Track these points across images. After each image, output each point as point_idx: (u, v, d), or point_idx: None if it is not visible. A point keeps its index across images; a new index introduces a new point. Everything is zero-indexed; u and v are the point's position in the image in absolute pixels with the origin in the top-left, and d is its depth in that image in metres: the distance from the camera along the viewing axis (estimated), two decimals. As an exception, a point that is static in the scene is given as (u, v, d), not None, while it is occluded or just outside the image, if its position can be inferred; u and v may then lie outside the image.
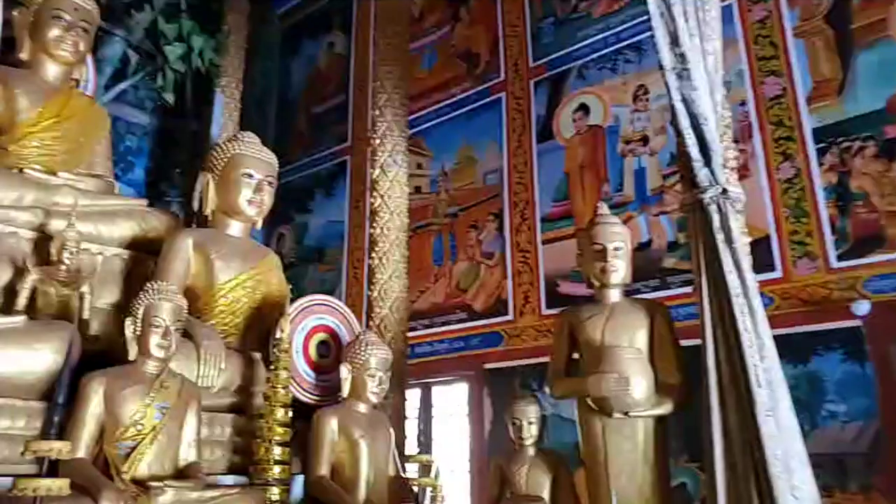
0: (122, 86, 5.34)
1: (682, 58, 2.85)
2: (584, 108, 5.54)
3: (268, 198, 3.52)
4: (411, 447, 4.03)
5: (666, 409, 2.92)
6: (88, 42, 3.82)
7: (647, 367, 2.96)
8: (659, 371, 2.99)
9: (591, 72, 5.57)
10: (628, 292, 3.36)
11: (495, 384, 5.37)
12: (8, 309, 2.73)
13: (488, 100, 6.15)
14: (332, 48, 7.74)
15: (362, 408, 3.03)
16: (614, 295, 3.18)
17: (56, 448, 1.84)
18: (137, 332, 2.57)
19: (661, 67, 2.90)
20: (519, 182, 5.74)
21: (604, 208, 3.33)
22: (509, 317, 5.49)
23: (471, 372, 5.59)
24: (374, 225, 4.10)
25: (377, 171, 4.14)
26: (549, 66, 5.84)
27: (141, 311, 2.58)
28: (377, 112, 4.25)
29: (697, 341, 3.26)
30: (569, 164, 5.52)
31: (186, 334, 2.85)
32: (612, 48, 5.48)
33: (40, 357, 2.43)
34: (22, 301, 2.77)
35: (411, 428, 4.30)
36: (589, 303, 3.27)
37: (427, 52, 6.80)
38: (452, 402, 5.80)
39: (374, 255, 4.06)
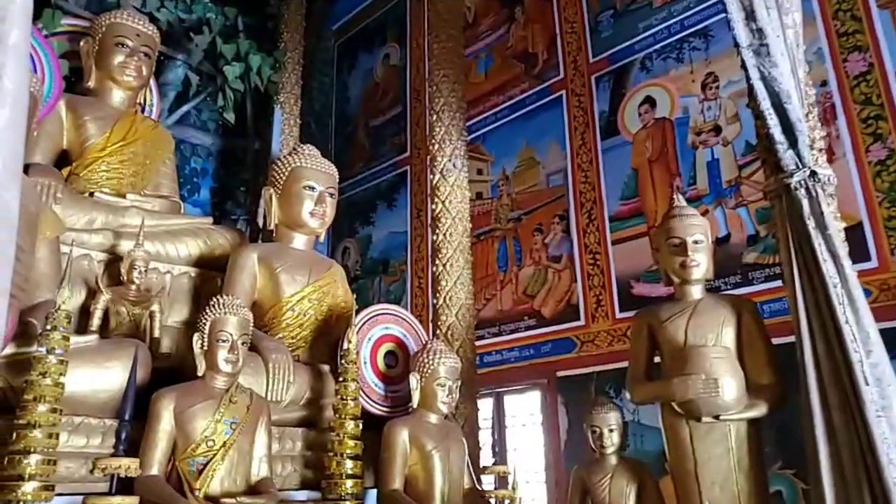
0: (185, 108, 5.48)
1: (759, 33, 2.65)
2: (649, 101, 5.30)
3: (330, 209, 3.51)
4: (486, 458, 3.89)
5: (759, 411, 2.68)
6: (150, 66, 3.93)
7: (736, 366, 2.74)
8: (749, 371, 2.76)
9: (656, 63, 5.33)
10: (708, 290, 3.14)
11: (569, 392, 5.18)
12: (84, 329, 2.78)
13: (548, 99, 5.98)
14: (387, 60, 7.78)
15: (433, 418, 2.94)
16: (696, 291, 2.97)
17: (124, 465, 1.81)
18: (204, 348, 2.55)
19: (736, 45, 2.70)
20: (584, 181, 5.54)
21: (680, 200, 3.12)
22: (581, 322, 5.29)
23: (543, 380, 5.41)
24: (437, 231, 4.01)
25: (437, 177, 4.06)
26: (610, 60, 5.63)
27: (207, 326, 2.57)
28: (434, 117, 4.18)
29: (786, 339, 3.02)
30: (636, 159, 5.29)
31: (254, 349, 2.84)
32: (676, 37, 5.22)
33: (111, 375, 2.45)
34: (95, 321, 2.83)
35: (485, 438, 4.16)
36: (668, 302, 3.06)
37: (482, 57, 6.71)
38: (525, 411, 5.64)
39: (437, 262, 3.97)
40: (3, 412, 2.23)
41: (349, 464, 2.53)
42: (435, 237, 4.01)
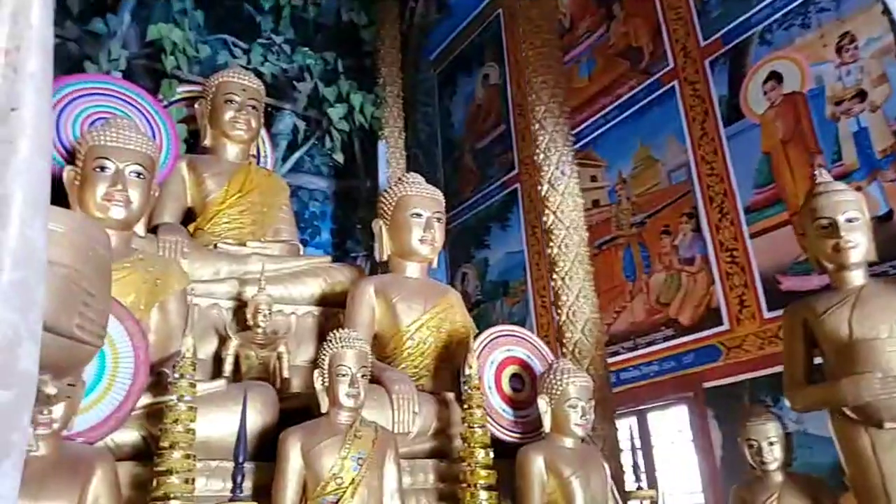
0: (297, 155, 5.75)
1: (901, -31, 2.28)
2: (775, 77, 4.80)
3: (438, 234, 3.48)
4: (629, 482, 3.61)
5: (961, 413, 2.24)
6: (259, 118, 4.12)
7: (922, 361, 2.32)
8: (938, 365, 2.32)
9: (777, 34, 4.83)
10: (872, 275, 2.71)
11: (720, 404, 4.73)
12: (218, 376, 2.88)
13: (659, 92, 5.62)
14: (487, 80, 7.74)
15: (569, 442, 2.75)
16: (857, 277, 2.56)
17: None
18: (326, 384, 2.55)
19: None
20: (711, 174, 5.11)
21: (823, 175, 2.74)
22: (725, 326, 4.83)
23: (689, 393, 4.99)
24: (551, 244, 3.82)
25: (545, 188, 3.89)
26: (723, 40, 5.19)
27: (326, 362, 2.57)
28: (536, 126, 4.02)
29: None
30: (767, 142, 4.80)
31: (377, 381, 2.81)
32: (798, 1, 4.73)
33: (241, 418, 2.49)
34: (227, 367, 2.94)
35: (628, 460, 3.87)
36: (825, 292, 2.67)
37: (584, 60, 6.48)
38: (672, 428, 5.23)
39: (555, 276, 3.78)
40: (146, 460, 2.34)
41: (483, 495, 2.41)
42: (550, 250, 3.82)
